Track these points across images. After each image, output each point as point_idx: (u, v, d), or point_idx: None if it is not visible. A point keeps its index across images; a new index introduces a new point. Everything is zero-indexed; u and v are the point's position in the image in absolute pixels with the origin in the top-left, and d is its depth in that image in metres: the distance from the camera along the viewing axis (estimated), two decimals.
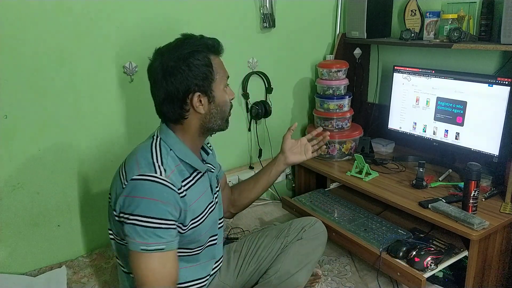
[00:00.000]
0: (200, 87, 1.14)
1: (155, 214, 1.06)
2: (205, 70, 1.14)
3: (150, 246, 1.06)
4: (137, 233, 1.06)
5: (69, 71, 1.59)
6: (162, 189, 1.08)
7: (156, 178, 1.08)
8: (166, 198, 1.08)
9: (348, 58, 2.28)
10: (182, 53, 1.12)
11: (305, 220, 1.54)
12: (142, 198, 1.06)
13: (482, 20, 1.78)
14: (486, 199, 1.66)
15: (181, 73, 1.11)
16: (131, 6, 1.67)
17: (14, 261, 1.60)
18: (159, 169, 1.10)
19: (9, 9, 1.44)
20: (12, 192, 1.56)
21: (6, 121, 1.51)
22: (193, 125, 1.19)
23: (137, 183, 1.08)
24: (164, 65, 1.12)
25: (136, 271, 1.08)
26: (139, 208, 1.06)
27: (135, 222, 1.06)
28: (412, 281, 1.41)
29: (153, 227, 1.06)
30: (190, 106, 1.15)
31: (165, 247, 1.08)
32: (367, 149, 2.10)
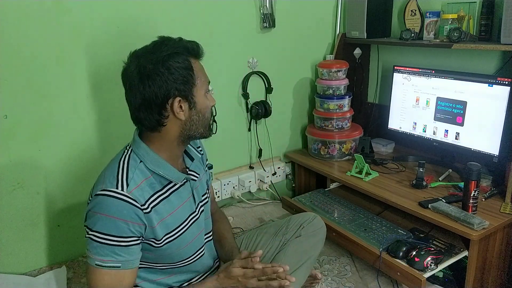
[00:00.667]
0: (181, 91, 1.05)
1: (113, 232, 1.02)
2: (185, 74, 1.06)
3: (106, 263, 1.03)
4: (94, 248, 1.03)
5: (69, 71, 1.59)
6: (122, 206, 1.02)
7: (117, 194, 1.03)
8: (126, 215, 1.03)
9: (348, 58, 2.28)
10: (160, 55, 1.04)
11: (303, 216, 1.52)
12: (101, 215, 1.03)
13: (482, 20, 1.78)
14: (486, 199, 1.66)
15: (160, 76, 1.03)
16: (131, 6, 1.67)
17: (14, 261, 1.60)
18: (121, 184, 1.04)
19: (9, 9, 1.44)
20: (12, 192, 1.56)
21: (6, 121, 1.51)
22: (172, 133, 1.10)
23: (98, 199, 1.04)
24: (141, 68, 1.03)
25: (90, 284, 1.05)
26: (98, 224, 1.03)
27: (93, 237, 1.03)
28: (412, 281, 1.41)
29: (111, 245, 1.03)
30: (170, 112, 1.06)
31: (121, 265, 1.04)
32: (367, 149, 2.10)
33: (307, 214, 1.54)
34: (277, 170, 2.26)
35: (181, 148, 1.17)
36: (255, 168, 2.20)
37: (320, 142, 2.16)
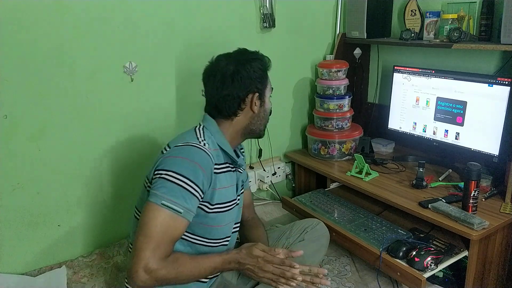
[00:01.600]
0: (259, 89, 1.26)
1: (191, 176, 1.10)
2: (263, 75, 1.27)
3: (172, 204, 1.08)
4: (166, 187, 1.09)
5: (69, 71, 1.59)
6: (204, 156, 1.15)
7: (199, 145, 1.17)
8: (205, 164, 1.14)
9: (348, 58, 2.28)
10: (247, 57, 1.27)
11: (307, 222, 1.54)
12: (182, 158, 1.13)
13: (482, 20, 1.78)
14: (486, 199, 1.66)
15: (248, 73, 1.23)
16: (131, 5, 1.67)
17: (14, 261, 1.60)
18: (202, 141, 1.20)
19: (9, 9, 1.44)
20: (12, 192, 1.56)
21: (6, 121, 1.50)
22: (241, 123, 1.28)
23: (182, 147, 1.16)
24: (232, 65, 1.23)
25: (147, 222, 1.07)
26: (178, 166, 1.11)
27: (168, 177, 1.10)
28: (412, 281, 1.41)
29: (183, 187, 1.09)
30: (248, 104, 1.26)
31: (183, 212, 1.10)
32: (367, 149, 2.10)
33: (311, 220, 1.56)
34: (277, 170, 2.26)
35: (240, 140, 1.33)
36: (255, 168, 2.20)
37: (320, 142, 2.16)
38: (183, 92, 1.89)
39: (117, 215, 1.82)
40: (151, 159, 1.82)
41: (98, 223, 1.78)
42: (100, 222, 1.78)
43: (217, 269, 1.18)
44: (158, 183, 1.10)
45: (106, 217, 1.79)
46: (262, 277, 1.17)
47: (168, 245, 1.09)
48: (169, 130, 1.88)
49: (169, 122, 1.88)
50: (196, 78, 1.91)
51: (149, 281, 1.04)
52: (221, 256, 1.18)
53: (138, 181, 1.84)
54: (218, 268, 1.17)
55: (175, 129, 1.90)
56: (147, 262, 1.03)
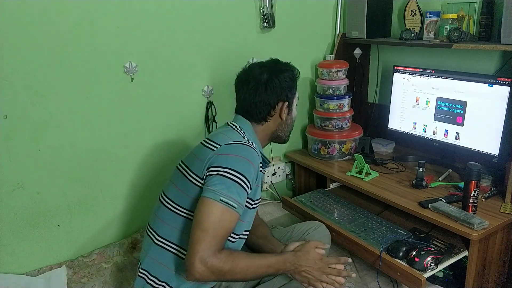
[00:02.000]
0: (288, 98, 1.34)
1: (246, 174, 1.16)
2: (293, 85, 1.36)
3: (230, 201, 1.12)
4: (225, 184, 1.13)
5: (69, 71, 1.59)
6: (254, 154, 1.21)
7: (249, 144, 1.23)
8: (255, 162, 1.20)
9: (348, 58, 2.28)
10: (281, 68, 1.35)
11: (308, 224, 1.54)
12: (238, 156, 1.17)
13: (482, 20, 1.78)
14: (486, 199, 1.66)
15: (280, 83, 1.31)
16: (131, 5, 1.67)
17: (14, 261, 1.60)
18: (248, 140, 1.27)
19: (9, 9, 1.44)
20: (12, 192, 1.56)
21: (6, 121, 1.51)
22: (270, 128, 1.36)
23: (233, 145, 1.21)
24: (266, 74, 1.31)
25: (205, 217, 1.10)
26: (234, 163, 1.15)
27: (226, 174, 1.14)
28: (412, 281, 1.41)
29: (240, 185, 1.14)
30: (278, 112, 1.34)
31: (237, 207, 1.14)
32: (367, 149, 2.10)
33: (312, 222, 1.57)
34: (277, 170, 2.26)
35: (266, 143, 1.41)
36: None
37: (320, 142, 2.16)
38: (183, 92, 1.89)
39: (117, 215, 1.82)
40: (152, 158, 1.85)
41: (98, 223, 1.78)
42: (100, 222, 1.78)
43: (272, 268, 1.20)
44: (215, 180, 1.14)
45: (106, 217, 1.79)
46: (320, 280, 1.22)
47: (222, 239, 1.13)
48: (169, 130, 1.88)
49: (169, 122, 1.88)
50: (197, 78, 1.93)
51: (205, 273, 1.08)
52: (276, 256, 1.24)
53: (138, 180, 1.85)
54: (273, 267, 1.20)
55: (175, 129, 1.90)
56: (203, 254, 1.07)
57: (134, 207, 1.86)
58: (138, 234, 1.83)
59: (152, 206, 1.38)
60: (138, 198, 1.86)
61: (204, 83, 1.94)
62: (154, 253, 1.26)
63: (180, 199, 1.24)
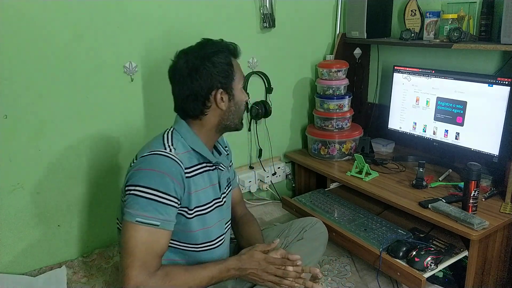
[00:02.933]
0: (223, 84, 1.19)
1: (160, 187, 1.08)
2: (227, 69, 1.19)
3: (147, 219, 1.05)
4: (138, 203, 1.06)
5: (69, 71, 1.59)
6: (170, 163, 1.11)
7: (165, 152, 1.13)
8: (173, 172, 1.10)
9: (348, 58, 2.28)
10: (206, 52, 1.19)
11: (305, 221, 1.54)
12: (149, 170, 1.09)
13: (482, 20, 1.78)
14: (486, 199, 1.66)
15: (207, 70, 1.16)
16: (130, 6, 1.67)
17: (14, 261, 1.60)
18: (168, 147, 1.16)
19: (9, 9, 1.44)
20: (12, 192, 1.56)
21: (6, 121, 1.50)
22: (212, 121, 1.23)
23: (146, 158, 1.13)
24: (190, 63, 1.17)
25: (127, 241, 1.05)
26: (145, 179, 1.08)
27: (138, 192, 1.07)
28: (412, 281, 1.41)
29: (155, 200, 1.07)
30: (213, 102, 1.20)
31: (160, 224, 1.07)
32: (367, 149, 2.10)
33: (309, 218, 1.55)
34: (277, 170, 2.26)
35: (216, 136, 1.29)
36: (255, 168, 2.20)
37: (320, 142, 2.16)
38: None
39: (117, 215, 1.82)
40: None
41: (98, 223, 1.78)
42: (100, 222, 1.78)
43: (215, 279, 1.14)
44: (130, 200, 1.08)
45: (106, 217, 1.79)
46: (266, 280, 1.16)
47: (154, 260, 1.07)
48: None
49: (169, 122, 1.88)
50: None
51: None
52: (217, 265, 1.15)
53: None
54: (216, 277, 1.14)
55: None
56: (137, 280, 1.02)
57: None
58: None
59: None
60: None
61: None
62: None
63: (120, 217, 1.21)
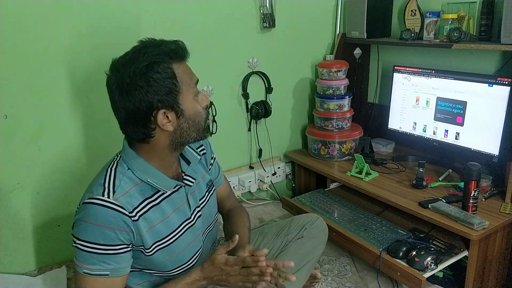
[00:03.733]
0: (164, 102, 1.00)
1: (101, 241, 0.99)
2: (167, 83, 1.00)
3: (94, 271, 1.00)
4: (81, 257, 1.00)
5: (69, 71, 1.59)
6: (109, 214, 0.99)
7: (103, 201, 1.00)
8: (113, 223, 1.00)
9: (348, 58, 2.28)
10: (138, 66, 0.98)
11: (306, 218, 1.52)
12: (88, 223, 1.00)
13: (482, 20, 1.78)
14: (486, 199, 1.66)
15: (139, 90, 0.98)
16: (131, 6, 1.67)
17: (14, 261, 1.60)
18: (107, 192, 1.01)
19: (9, 9, 1.44)
20: (12, 192, 1.56)
21: (6, 121, 1.51)
22: (162, 143, 1.06)
23: (85, 207, 1.01)
24: (119, 82, 0.99)
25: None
26: (84, 233, 1.00)
27: (79, 246, 1.00)
28: (412, 281, 1.41)
29: (98, 253, 1.00)
30: (156, 124, 1.02)
31: (110, 273, 1.01)
32: (367, 149, 2.10)
33: (309, 215, 1.54)
34: (277, 170, 2.26)
35: (174, 154, 1.12)
36: (255, 168, 2.20)
37: (320, 142, 2.16)
38: None
39: None
40: None
41: None
42: None
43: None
44: (75, 251, 1.01)
45: None
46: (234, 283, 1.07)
47: None
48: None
49: None
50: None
51: None
52: (181, 281, 1.09)
53: None
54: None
55: None
56: None
57: None
58: None
59: None
60: None
61: (204, 83, 1.94)
62: None
63: None
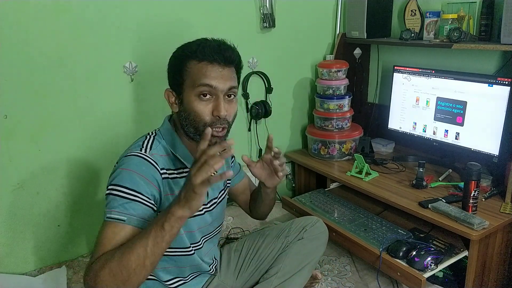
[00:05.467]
0: (171, 85, 1.18)
1: (127, 184, 1.06)
2: (175, 70, 1.16)
3: (113, 215, 1.04)
4: (108, 201, 1.07)
5: (69, 71, 1.59)
6: (142, 162, 1.10)
7: (139, 153, 1.12)
8: (144, 171, 1.09)
9: (348, 58, 2.28)
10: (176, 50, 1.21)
11: (306, 220, 1.53)
12: (121, 170, 1.09)
13: (482, 20, 1.78)
14: (486, 199, 1.66)
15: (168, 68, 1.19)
16: (131, 6, 1.67)
17: (14, 261, 1.60)
18: (144, 149, 1.14)
19: (9, 9, 1.44)
20: (12, 192, 1.56)
21: (6, 121, 1.51)
22: (177, 122, 1.19)
23: (122, 159, 1.13)
24: None
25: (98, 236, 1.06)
26: (116, 178, 1.08)
27: (109, 191, 1.07)
28: (412, 281, 1.41)
29: (121, 196, 1.05)
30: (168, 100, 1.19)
31: (126, 219, 1.04)
32: (367, 149, 2.10)
33: (310, 217, 1.55)
34: None
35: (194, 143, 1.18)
36: None
37: (320, 142, 2.16)
38: None
39: None
40: None
41: (98, 223, 1.76)
42: (99, 222, 1.77)
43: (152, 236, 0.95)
44: (105, 200, 1.09)
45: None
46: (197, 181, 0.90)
47: None
48: None
49: None
50: None
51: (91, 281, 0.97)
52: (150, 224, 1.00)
53: None
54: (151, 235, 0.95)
55: None
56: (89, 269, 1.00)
57: None
58: None
59: None
60: None
61: None
62: None
63: None
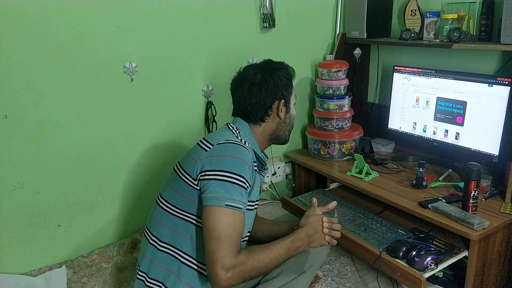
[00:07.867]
0: (284, 96, 1.34)
1: (242, 173, 1.15)
2: (288, 83, 1.36)
3: (235, 203, 1.12)
4: (225, 188, 1.12)
5: (69, 71, 1.59)
6: (247, 154, 1.20)
7: (241, 144, 1.22)
8: (250, 162, 1.20)
9: (348, 58, 2.28)
10: (273, 67, 1.36)
11: None
12: (231, 157, 1.17)
13: (482, 20, 1.78)
14: (486, 199, 1.66)
15: (274, 82, 1.32)
16: (131, 6, 1.67)
17: (14, 261, 1.60)
18: (241, 139, 1.26)
19: (9, 9, 1.44)
20: (12, 192, 1.56)
21: (6, 121, 1.51)
22: (268, 128, 1.35)
23: (225, 145, 1.20)
24: (259, 75, 1.32)
25: (215, 225, 1.11)
26: (228, 164, 1.15)
27: (223, 178, 1.13)
28: (412, 281, 1.41)
29: (239, 185, 1.14)
30: (274, 111, 1.34)
31: (242, 207, 1.14)
32: (367, 149, 2.10)
33: None
34: (277, 170, 2.26)
35: (267, 144, 1.40)
36: None
37: (320, 142, 2.16)
38: (183, 92, 1.89)
39: (117, 215, 1.82)
40: (151, 158, 1.85)
41: (98, 223, 1.78)
42: (100, 222, 1.78)
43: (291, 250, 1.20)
44: (214, 185, 1.14)
45: (106, 217, 1.79)
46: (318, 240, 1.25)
47: (238, 242, 1.13)
48: (168, 130, 1.88)
49: (169, 122, 1.88)
50: (196, 77, 1.93)
51: (231, 279, 1.08)
52: (287, 238, 1.21)
53: (138, 180, 1.85)
54: (291, 248, 1.20)
55: (175, 129, 1.90)
56: (224, 262, 1.07)
57: (134, 207, 1.86)
58: (138, 234, 1.83)
59: None
60: (138, 198, 1.86)
61: (204, 83, 1.94)
62: (149, 254, 1.26)
63: (174, 199, 1.24)
